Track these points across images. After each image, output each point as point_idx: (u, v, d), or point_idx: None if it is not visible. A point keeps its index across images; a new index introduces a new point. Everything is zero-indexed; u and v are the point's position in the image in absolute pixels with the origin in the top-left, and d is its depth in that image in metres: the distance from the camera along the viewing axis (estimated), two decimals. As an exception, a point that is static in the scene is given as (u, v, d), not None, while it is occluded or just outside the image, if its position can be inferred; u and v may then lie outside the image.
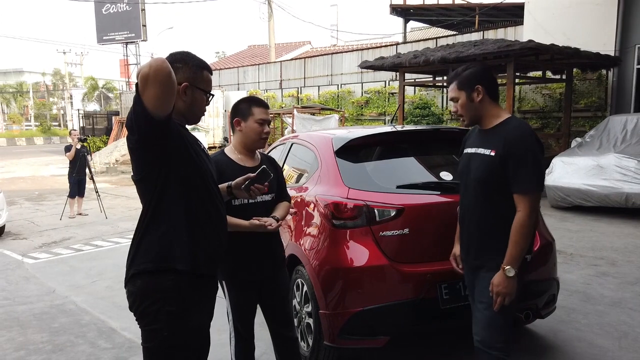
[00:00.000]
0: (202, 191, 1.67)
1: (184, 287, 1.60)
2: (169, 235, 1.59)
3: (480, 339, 2.03)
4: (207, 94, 1.73)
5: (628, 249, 5.32)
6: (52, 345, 3.28)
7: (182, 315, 1.60)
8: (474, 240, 2.11)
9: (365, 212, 2.56)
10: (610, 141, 7.29)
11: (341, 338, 2.53)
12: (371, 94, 14.99)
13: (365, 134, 3.10)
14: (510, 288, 1.94)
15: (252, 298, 2.35)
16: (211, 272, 1.73)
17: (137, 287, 1.59)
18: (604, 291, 4.05)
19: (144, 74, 1.39)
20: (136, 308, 1.61)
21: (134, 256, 1.63)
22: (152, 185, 1.59)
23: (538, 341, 3.17)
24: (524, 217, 1.93)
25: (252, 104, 2.34)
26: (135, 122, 1.47)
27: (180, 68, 1.65)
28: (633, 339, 3.16)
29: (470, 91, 2.04)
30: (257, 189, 1.99)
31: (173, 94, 1.46)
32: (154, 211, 1.60)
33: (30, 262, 5.57)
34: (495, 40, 8.85)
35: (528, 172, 1.93)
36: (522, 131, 1.99)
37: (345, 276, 2.54)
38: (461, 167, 2.21)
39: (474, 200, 2.10)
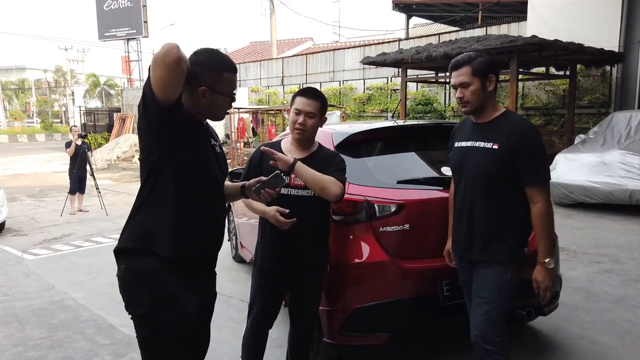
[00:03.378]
0: (198, 186, 1.66)
1: (165, 272, 1.59)
2: (156, 220, 1.61)
3: (478, 333, 2.03)
4: (230, 96, 1.72)
5: (632, 246, 5.27)
6: (50, 341, 3.27)
7: (165, 300, 1.59)
8: (478, 236, 2.07)
9: (366, 208, 2.53)
10: (614, 138, 7.23)
11: (341, 335, 2.49)
12: (373, 90, 14.93)
13: (366, 128, 3.06)
14: (551, 279, 1.99)
15: (270, 290, 2.27)
16: (198, 265, 1.71)
17: (122, 271, 1.63)
18: (607, 288, 4.02)
19: (155, 55, 1.45)
20: (123, 292, 1.64)
21: (121, 233, 1.68)
22: (151, 168, 1.62)
23: (540, 338, 3.14)
24: (544, 207, 1.94)
25: (297, 93, 2.25)
26: (143, 102, 1.53)
27: (200, 72, 1.63)
28: (636, 337, 3.13)
29: (484, 79, 2.00)
30: (267, 194, 1.88)
31: (179, 79, 1.49)
32: (148, 193, 1.63)
33: (30, 258, 5.56)
34: (498, 36, 8.79)
35: (540, 165, 1.96)
36: (528, 125, 2.02)
37: (345, 272, 2.50)
38: (456, 161, 2.17)
39: (477, 195, 2.06)
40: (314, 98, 2.19)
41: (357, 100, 15.14)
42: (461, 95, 2.03)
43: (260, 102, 18.46)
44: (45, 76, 50.49)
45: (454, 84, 2.06)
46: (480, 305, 2.03)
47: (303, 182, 2.10)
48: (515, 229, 2.03)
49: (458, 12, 17.12)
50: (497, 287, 2.01)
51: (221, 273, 2.26)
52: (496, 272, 2.01)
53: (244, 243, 4.37)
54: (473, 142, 2.07)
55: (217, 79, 1.66)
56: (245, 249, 4.35)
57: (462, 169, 2.11)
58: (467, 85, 2.01)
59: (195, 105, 1.66)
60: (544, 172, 1.96)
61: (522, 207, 2.00)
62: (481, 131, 2.06)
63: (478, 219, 2.06)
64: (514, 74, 8.39)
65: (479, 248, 2.06)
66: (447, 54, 8.35)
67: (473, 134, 2.09)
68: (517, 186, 1.99)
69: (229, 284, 4.27)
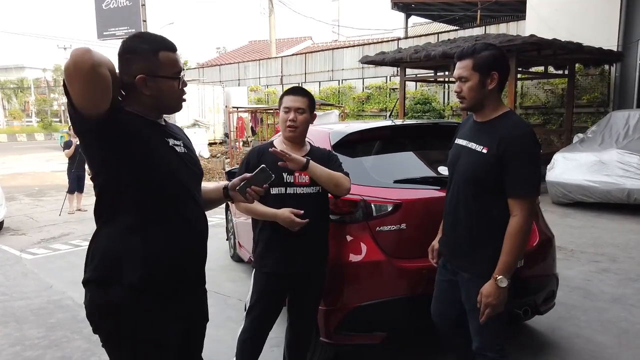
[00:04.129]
0: (160, 197, 1.45)
1: (133, 303, 1.40)
2: (117, 243, 1.41)
3: (478, 344, 1.97)
4: (175, 78, 1.47)
5: (629, 245, 5.28)
6: (48, 340, 3.27)
7: (136, 335, 1.42)
8: (460, 242, 1.99)
9: (362, 207, 2.53)
10: (612, 137, 7.24)
11: (338, 334, 2.50)
12: (372, 89, 14.94)
13: (363, 128, 3.06)
14: (502, 299, 1.82)
15: (277, 293, 2.27)
16: (174, 286, 1.49)
17: (87, 300, 1.45)
18: (605, 287, 4.02)
19: (65, 68, 1.23)
20: (89, 320, 1.47)
21: (85, 262, 1.48)
22: (102, 186, 1.42)
23: (537, 338, 3.15)
24: (520, 222, 1.79)
25: (285, 93, 2.28)
26: (70, 119, 1.34)
27: (130, 59, 1.42)
28: (633, 336, 3.13)
29: (485, 76, 1.85)
30: (254, 192, 1.70)
31: (102, 89, 1.27)
32: (104, 214, 1.45)
33: (29, 257, 5.56)
34: (497, 35, 8.79)
35: (525, 176, 1.80)
36: (521, 131, 1.83)
37: (341, 272, 2.50)
38: (451, 158, 2.07)
39: (462, 198, 1.96)
40: (302, 95, 2.24)
41: (356, 99, 15.15)
42: (459, 90, 1.91)
43: (259, 101, 18.47)
44: (45, 75, 50.40)
45: (454, 76, 1.94)
46: (471, 315, 1.96)
47: (317, 180, 2.12)
48: (499, 241, 1.84)
49: (457, 11, 17.12)
50: None
51: (219, 272, 2.26)
52: (479, 286, 1.87)
53: (242, 242, 4.37)
54: (468, 142, 1.97)
55: (154, 61, 1.42)
56: (243, 248, 4.35)
57: (455, 167, 2.02)
58: (466, 80, 1.88)
59: (141, 101, 1.44)
60: (529, 185, 1.80)
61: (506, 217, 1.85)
62: (478, 131, 1.94)
63: (462, 224, 1.97)
64: (512, 73, 8.39)
65: (463, 255, 1.98)
66: (446, 53, 8.36)
67: (470, 133, 1.99)
68: (503, 195, 1.85)
69: (227, 284, 4.27)
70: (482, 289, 1.85)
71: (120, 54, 1.44)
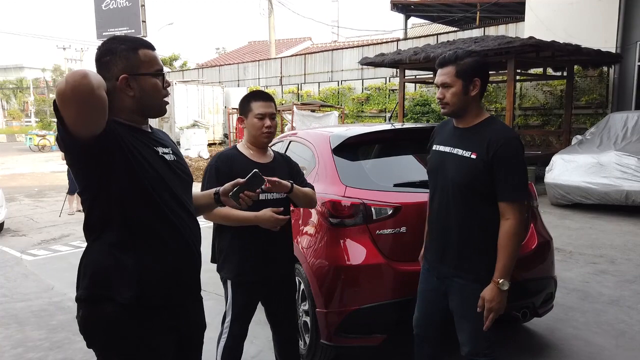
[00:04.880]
0: (151, 208, 1.43)
1: (127, 319, 1.39)
2: (109, 259, 1.39)
3: (469, 349, 1.98)
4: (157, 76, 1.45)
5: (627, 246, 5.31)
6: (49, 342, 3.29)
7: (130, 350, 1.42)
8: (450, 249, 1.98)
9: (362, 211, 2.55)
10: (610, 139, 7.27)
11: (338, 336, 2.53)
12: (372, 90, 14.96)
13: (363, 132, 3.08)
14: (504, 302, 1.84)
15: (256, 299, 2.31)
16: (169, 299, 1.48)
17: (80, 316, 1.44)
18: (603, 289, 4.05)
19: (60, 92, 1.18)
20: (83, 334, 1.46)
21: (77, 278, 1.46)
22: (91, 201, 1.40)
23: (535, 339, 3.17)
24: (514, 225, 1.82)
25: (250, 98, 2.26)
26: (61, 140, 1.29)
27: (110, 61, 1.39)
28: (630, 338, 3.16)
29: (467, 82, 1.89)
30: (247, 197, 1.70)
31: (100, 113, 1.24)
32: (95, 229, 1.42)
33: (29, 259, 5.57)
34: (496, 37, 8.82)
35: (516, 180, 1.83)
36: (508, 136, 1.87)
37: (341, 274, 2.53)
38: (433, 165, 2.07)
39: (452, 205, 1.95)
40: (271, 99, 2.28)
41: (355, 100, 15.16)
42: (441, 96, 1.94)
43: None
44: (44, 75, 50.35)
45: (436, 82, 1.96)
46: (462, 321, 1.97)
47: (295, 199, 2.21)
48: (492, 245, 1.87)
49: (456, 13, 17.16)
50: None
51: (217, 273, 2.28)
52: (475, 291, 1.89)
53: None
54: (452, 148, 1.96)
55: (134, 60, 1.40)
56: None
57: (439, 175, 2.02)
58: (449, 86, 1.91)
59: (125, 107, 1.41)
60: (520, 188, 1.84)
61: (496, 221, 1.87)
62: (461, 137, 1.95)
63: (453, 230, 1.96)
64: (511, 74, 8.43)
65: (454, 262, 1.96)
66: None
67: (453, 139, 1.99)
68: (494, 199, 1.86)
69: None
70: (483, 294, 1.86)
71: (98, 58, 1.41)
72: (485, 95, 12.34)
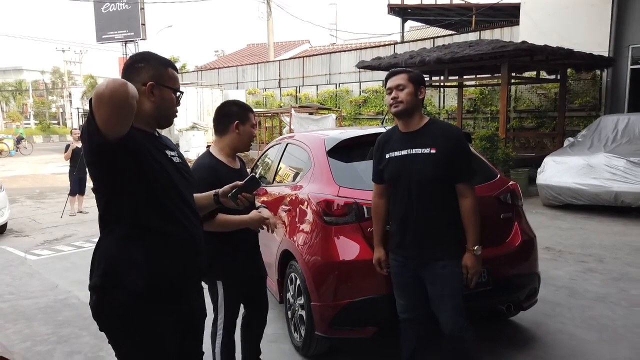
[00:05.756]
0: (162, 206, 1.57)
1: (137, 305, 1.52)
2: (122, 252, 1.52)
3: (452, 326, 2.21)
4: (175, 93, 1.65)
5: (616, 246, 5.45)
6: (57, 336, 3.42)
7: (139, 332, 1.54)
8: (429, 237, 2.24)
9: (355, 210, 2.70)
10: (601, 141, 7.43)
11: (332, 329, 2.67)
12: (369, 93, 15.12)
13: (356, 134, 3.23)
14: (480, 264, 2.23)
15: (242, 295, 2.51)
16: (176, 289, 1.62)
17: (93, 302, 1.56)
18: (589, 287, 4.19)
19: (99, 94, 1.31)
20: (95, 319, 1.59)
21: (90, 268, 1.59)
22: (108, 197, 1.53)
23: (522, 333, 3.31)
24: (473, 202, 2.21)
25: (247, 108, 2.48)
26: (87, 136, 1.41)
27: (143, 67, 1.58)
28: (613, 332, 3.30)
29: (417, 87, 2.26)
30: (244, 198, 1.89)
31: (128, 117, 1.38)
32: (109, 223, 1.55)
33: (33, 258, 5.70)
34: (490, 41, 8.99)
35: (468, 165, 2.26)
36: (456, 130, 2.33)
37: (335, 270, 2.67)
38: (393, 170, 2.30)
39: (423, 199, 2.22)
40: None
41: (353, 102, 15.33)
42: (396, 96, 2.24)
43: (258, 104, 18.63)
44: (43, 78, 50.43)
45: (391, 86, 2.27)
46: (444, 300, 2.21)
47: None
48: (458, 225, 2.24)
49: (453, 16, 17.35)
50: (457, 281, 2.23)
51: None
52: (453, 267, 2.22)
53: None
54: (409, 150, 2.25)
55: (163, 73, 1.60)
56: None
57: (402, 177, 2.26)
58: (403, 87, 2.24)
59: (142, 113, 1.55)
60: (472, 171, 2.27)
61: (457, 204, 2.25)
62: (413, 139, 2.26)
63: (427, 221, 2.24)
64: (505, 78, 8.60)
65: (432, 248, 2.24)
66: (440, 59, 8.54)
67: (405, 143, 2.27)
68: (452, 185, 2.23)
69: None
70: (465, 263, 2.21)
71: (131, 63, 1.59)
72: (481, 98, 12.52)
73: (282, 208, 3.29)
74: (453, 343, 2.23)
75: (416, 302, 2.36)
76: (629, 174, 6.47)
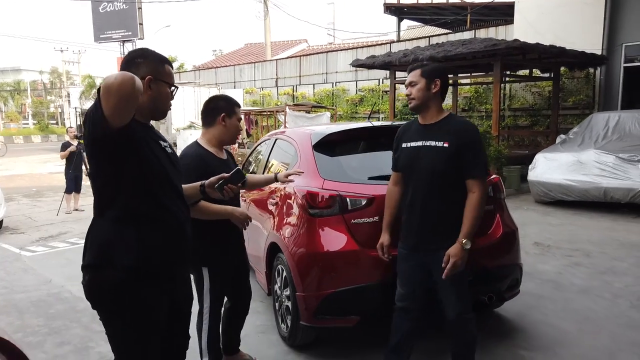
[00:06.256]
0: (154, 193, 1.68)
1: (127, 282, 1.62)
2: (114, 233, 1.63)
3: (456, 312, 2.32)
4: (170, 88, 1.77)
5: (604, 241, 5.51)
6: (48, 328, 3.48)
7: (129, 308, 1.64)
8: (434, 227, 2.32)
9: (339, 202, 2.76)
10: (592, 138, 7.50)
11: (316, 318, 2.73)
12: (365, 92, 15.19)
13: (341, 129, 3.29)
14: (465, 259, 2.24)
15: (225, 281, 2.57)
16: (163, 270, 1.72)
17: (86, 281, 1.67)
18: (575, 280, 4.25)
19: (108, 84, 1.42)
20: (88, 298, 1.68)
21: (84, 249, 1.70)
22: (104, 182, 1.63)
23: (505, 324, 3.38)
24: (479, 198, 2.24)
25: (234, 102, 2.56)
26: (91, 121, 1.51)
27: (142, 63, 1.69)
28: (594, 323, 3.36)
29: (430, 81, 2.30)
30: (230, 189, 2.03)
31: (132, 108, 1.48)
32: (103, 206, 1.65)
33: (28, 254, 5.75)
34: (483, 40, 9.05)
35: (480, 160, 2.27)
36: (471, 125, 2.35)
37: (319, 260, 2.73)
38: (406, 160, 2.40)
39: (431, 190, 2.30)
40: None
41: (349, 101, 15.39)
42: (409, 93, 2.34)
43: (255, 104, 18.69)
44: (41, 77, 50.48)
45: (406, 83, 2.37)
46: (449, 287, 2.30)
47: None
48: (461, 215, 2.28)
49: (448, 15, 17.42)
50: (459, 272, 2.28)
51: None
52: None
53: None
54: (424, 142, 2.32)
55: (160, 69, 1.72)
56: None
57: (414, 167, 2.35)
58: (415, 84, 2.32)
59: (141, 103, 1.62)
60: (483, 167, 2.27)
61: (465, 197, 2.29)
62: (429, 132, 2.32)
63: (434, 211, 2.31)
64: (497, 76, 8.66)
65: (438, 238, 2.30)
66: (433, 57, 8.60)
67: (421, 135, 2.35)
68: (461, 179, 2.27)
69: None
70: (448, 252, 2.22)
71: (131, 58, 1.71)
72: (476, 97, 12.59)
73: (270, 202, 3.35)
74: (456, 327, 2.35)
75: (415, 292, 2.43)
76: (618, 170, 6.54)
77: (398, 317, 2.50)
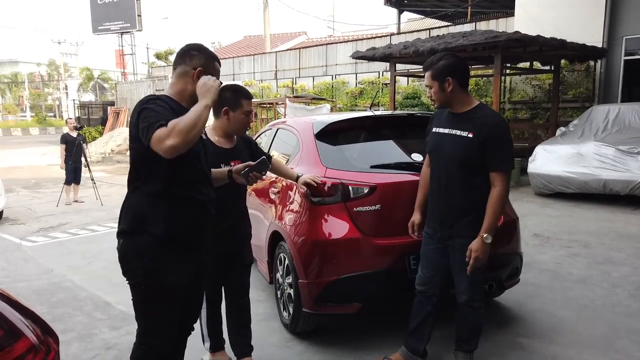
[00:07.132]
0: (187, 173, 1.87)
1: (157, 248, 1.83)
2: (149, 204, 1.84)
3: (467, 297, 2.38)
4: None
5: (602, 232, 5.54)
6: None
7: (156, 271, 1.84)
8: (451, 214, 2.38)
9: (341, 190, 2.78)
10: (592, 130, 7.51)
11: (318, 305, 2.76)
12: (365, 84, 15.14)
13: (342, 118, 3.30)
14: (486, 253, 2.28)
15: (219, 267, 2.55)
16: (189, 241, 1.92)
17: (120, 244, 1.90)
18: (573, 270, 4.29)
19: (170, 147, 1.62)
20: (121, 261, 1.90)
21: (119, 216, 1.92)
22: (142, 159, 1.82)
23: (504, 312, 3.41)
24: (501, 191, 2.25)
25: (240, 95, 2.46)
26: (136, 143, 1.76)
27: (197, 55, 1.90)
28: (591, 311, 3.40)
29: (441, 82, 2.31)
30: (254, 176, 2.22)
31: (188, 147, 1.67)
32: (139, 180, 1.85)
33: (29, 244, 5.77)
34: (483, 32, 9.03)
35: (505, 153, 2.27)
36: (499, 118, 2.36)
37: (321, 248, 2.75)
38: (433, 144, 2.46)
39: (452, 177, 2.35)
40: (252, 97, 2.57)
41: (349, 94, 15.34)
42: (430, 95, 2.39)
43: (254, 96, 18.61)
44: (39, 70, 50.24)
45: (425, 85, 2.43)
46: (463, 272, 2.34)
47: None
48: (482, 206, 2.29)
49: (448, 7, 17.35)
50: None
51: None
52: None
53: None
54: (450, 130, 2.36)
55: (210, 64, 1.93)
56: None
57: (439, 152, 2.40)
58: (430, 87, 2.36)
59: (185, 89, 1.88)
60: (507, 161, 2.27)
61: (486, 189, 2.29)
62: (458, 120, 2.35)
63: (453, 198, 2.36)
64: (497, 68, 8.64)
65: (455, 223, 2.36)
66: (434, 49, 8.58)
67: (450, 122, 2.38)
68: (484, 170, 2.28)
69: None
70: (470, 246, 2.27)
71: (188, 49, 1.92)
72: (476, 89, 12.57)
73: (272, 190, 3.37)
74: (465, 311, 2.41)
75: (435, 275, 2.48)
76: (617, 162, 6.56)
77: (418, 302, 2.56)
